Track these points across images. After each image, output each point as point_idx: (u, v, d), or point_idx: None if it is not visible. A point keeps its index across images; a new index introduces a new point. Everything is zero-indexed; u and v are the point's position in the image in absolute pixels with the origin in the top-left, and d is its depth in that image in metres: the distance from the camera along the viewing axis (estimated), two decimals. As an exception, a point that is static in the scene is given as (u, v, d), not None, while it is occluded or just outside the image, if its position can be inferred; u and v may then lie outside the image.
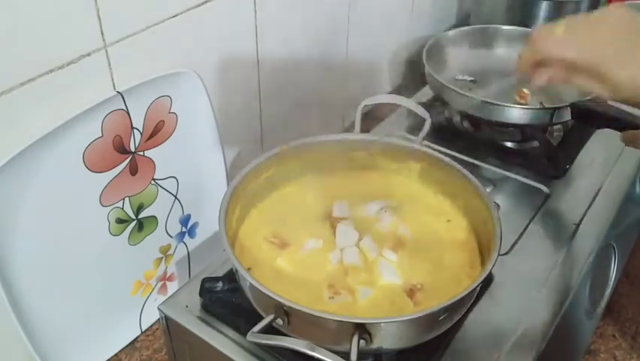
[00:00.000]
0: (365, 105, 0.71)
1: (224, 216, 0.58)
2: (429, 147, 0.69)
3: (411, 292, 0.57)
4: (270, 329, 0.51)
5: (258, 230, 0.64)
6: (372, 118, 0.98)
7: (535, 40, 0.56)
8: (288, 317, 0.51)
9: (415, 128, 0.90)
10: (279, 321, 0.51)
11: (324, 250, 0.61)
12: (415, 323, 0.51)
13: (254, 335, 0.50)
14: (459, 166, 0.64)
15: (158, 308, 0.63)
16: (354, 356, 0.48)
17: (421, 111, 0.71)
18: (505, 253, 0.68)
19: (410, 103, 0.72)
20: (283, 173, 0.68)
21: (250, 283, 0.52)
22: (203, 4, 0.70)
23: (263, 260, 0.60)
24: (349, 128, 1.11)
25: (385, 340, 0.51)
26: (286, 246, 0.62)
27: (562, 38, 0.54)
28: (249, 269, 0.56)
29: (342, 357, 0.48)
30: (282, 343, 0.50)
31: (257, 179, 0.65)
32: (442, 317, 0.53)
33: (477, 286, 0.53)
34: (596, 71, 0.52)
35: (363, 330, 0.49)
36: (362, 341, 0.49)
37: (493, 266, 0.54)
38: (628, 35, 0.52)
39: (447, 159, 0.66)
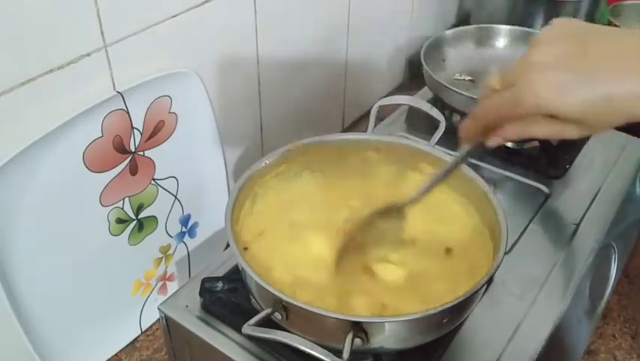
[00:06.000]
0: (380, 106, 0.71)
1: (231, 211, 0.58)
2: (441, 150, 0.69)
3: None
4: (267, 324, 0.51)
5: (265, 226, 0.64)
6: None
7: (481, 110, 0.48)
8: (287, 312, 0.51)
9: (414, 128, 0.90)
10: (278, 316, 0.52)
11: (329, 250, 0.61)
12: (412, 324, 0.51)
13: (249, 328, 0.50)
14: (472, 172, 0.64)
15: (158, 308, 0.63)
16: (346, 354, 0.48)
17: (436, 113, 0.71)
18: (505, 253, 0.68)
19: (424, 105, 0.72)
20: (294, 170, 0.67)
21: (248, 275, 0.52)
22: (203, 4, 0.70)
23: (267, 257, 0.60)
24: (349, 129, 1.11)
25: (383, 340, 0.51)
26: (292, 244, 0.62)
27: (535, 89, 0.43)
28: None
29: (339, 355, 0.48)
30: (275, 337, 0.50)
31: (267, 175, 0.65)
32: (445, 320, 0.53)
33: (478, 290, 0.53)
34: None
35: (358, 329, 0.49)
36: (358, 340, 0.49)
37: (495, 271, 0.54)
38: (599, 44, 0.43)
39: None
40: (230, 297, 0.62)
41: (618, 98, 0.42)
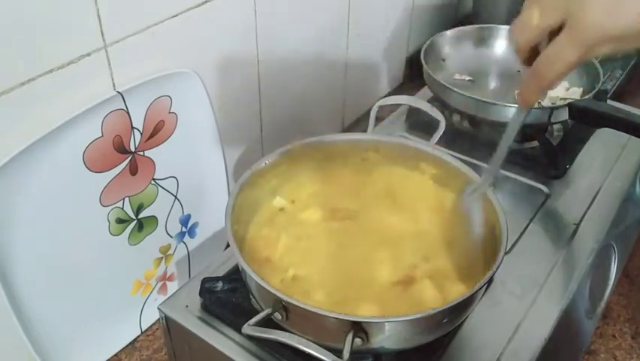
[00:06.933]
0: (380, 106, 0.71)
1: (231, 211, 0.58)
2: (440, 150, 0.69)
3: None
4: (267, 324, 0.51)
5: (264, 226, 0.64)
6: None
7: (540, 70, 0.45)
8: (287, 313, 0.51)
9: (414, 128, 0.90)
10: (278, 316, 0.52)
11: (329, 248, 0.61)
12: (413, 324, 0.51)
13: (249, 328, 0.50)
14: (472, 172, 0.64)
15: (158, 308, 0.63)
16: (346, 353, 0.48)
17: (436, 113, 0.71)
18: (505, 253, 0.68)
19: (424, 105, 0.73)
20: (293, 170, 0.67)
21: (248, 275, 0.53)
22: (203, 4, 0.70)
23: (268, 257, 0.60)
24: (349, 129, 1.11)
25: (383, 340, 0.51)
26: (292, 244, 0.62)
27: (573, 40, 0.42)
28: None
29: (339, 355, 0.48)
30: (275, 337, 0.50)
31: (266, 175, 0.65)
32: (445, 320, 0.53)
33: (478, 290, 0.53)
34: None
35: (358, 329, 0.49)
36: (358, 340, 0.49)
37: (495, 271, 0.54)
38: None
39: (460, 163, 0.65)
40: (230, 297, 0.62)
41: None
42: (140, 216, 0.71)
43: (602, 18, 0.41)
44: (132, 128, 0.67)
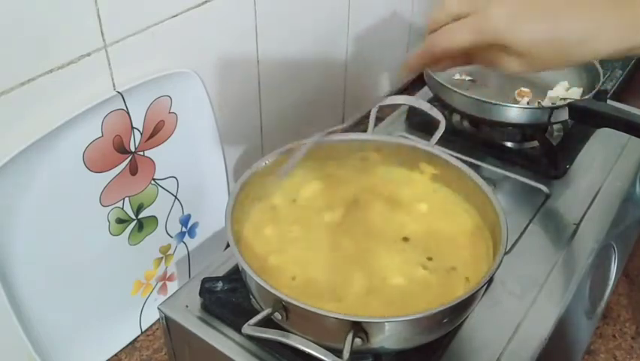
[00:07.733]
0: (380, 106, 0.71)
1: (231, 211, 0.58)
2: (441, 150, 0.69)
3: None
4: (267, 324, 0.51)
5: (264, 227, 0.64)
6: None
7: (434, 40, 0.50)
8: (287, 312, 0.51)
9: (414, 128, 0.90)
10: (278, 316, 0.52)
11: (329, 248, 0.61)
12: (413, 324, 0.51)
13: (249, 328, 0.50)
14: (472, 172, 0.64)
15: (158, 308, 0.63)
16: (346, 353, 0.48)
17: (436, 113, 0.71)
18: (505, 253, 0.67)
19: (425, 105, 0.73)
20: (293, 170, 0.67)
21: (248, 275, 0.52)
22: (203, 4, 0.70)
23: (267, 257, 0.60)
24: (349, 129, 1.11)
25: (383, 340, 0.51)
26: (292, 244, 0.62)
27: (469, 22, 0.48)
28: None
29: (339, 355, 0.48)
30: (275, 337, 0.50)
31: (267, 175, 0.65)
32: (445, 320, 0.53)
33: (478, 290, 0.53)
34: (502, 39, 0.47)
35: (358, 329, 0.49)
36: (358, 340, 0.49)
37: (495, 271, 0.54)
38: None
39: (460, 163, 0.65)
40: (230, 297, 0.62)
41: (560, 36, 0.46)
42: (140, 216, 0.71)
43: (500, 20, 0.47)
44: (132, 128, 0.67)
